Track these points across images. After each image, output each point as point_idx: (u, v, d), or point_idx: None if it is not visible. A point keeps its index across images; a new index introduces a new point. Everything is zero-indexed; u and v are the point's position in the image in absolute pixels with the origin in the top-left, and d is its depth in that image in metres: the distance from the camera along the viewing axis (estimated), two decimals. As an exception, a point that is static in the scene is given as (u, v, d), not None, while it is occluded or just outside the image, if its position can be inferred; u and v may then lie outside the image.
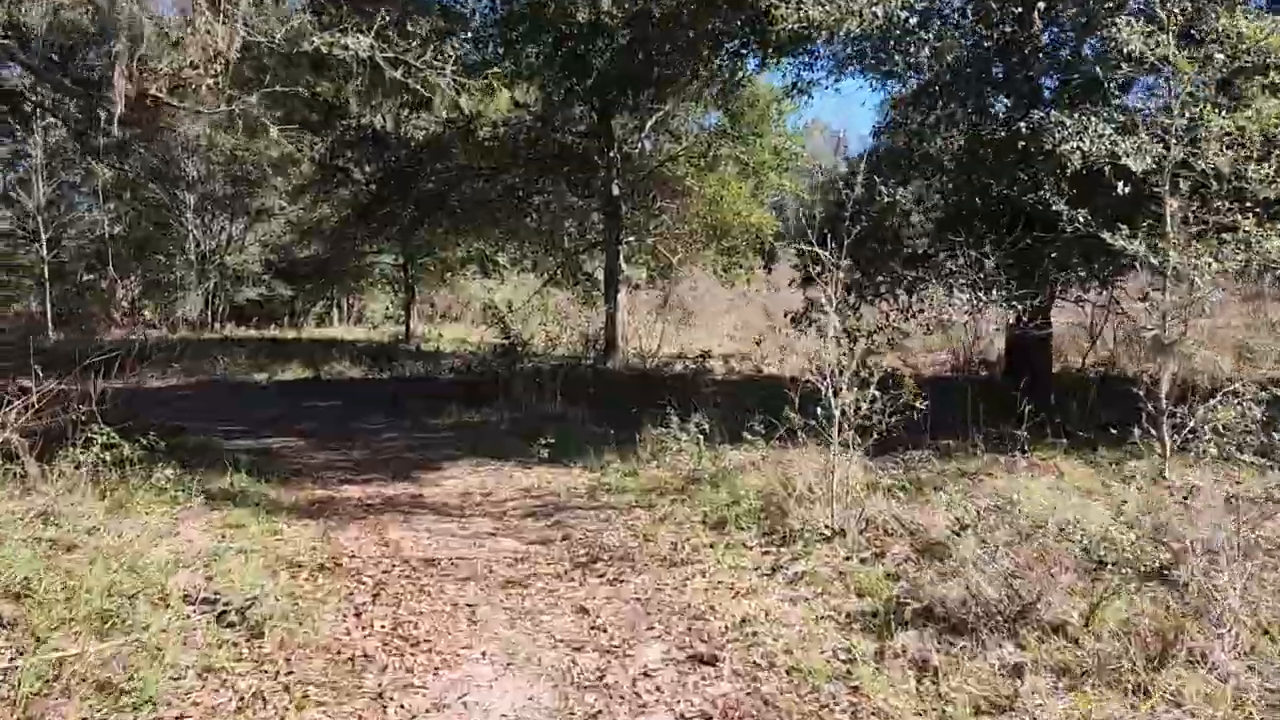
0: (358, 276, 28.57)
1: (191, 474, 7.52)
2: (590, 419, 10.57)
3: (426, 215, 19.58)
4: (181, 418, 11.84)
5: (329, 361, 17.21)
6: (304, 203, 25.83)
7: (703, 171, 19.14)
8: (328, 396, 13.73)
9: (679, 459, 8.00)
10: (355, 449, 9.71)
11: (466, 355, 17.57)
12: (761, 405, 9.56)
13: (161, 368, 17.29)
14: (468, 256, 23.38)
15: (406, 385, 14.04)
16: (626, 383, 13.56)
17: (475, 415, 11.46)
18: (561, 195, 20.60)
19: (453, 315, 33.31)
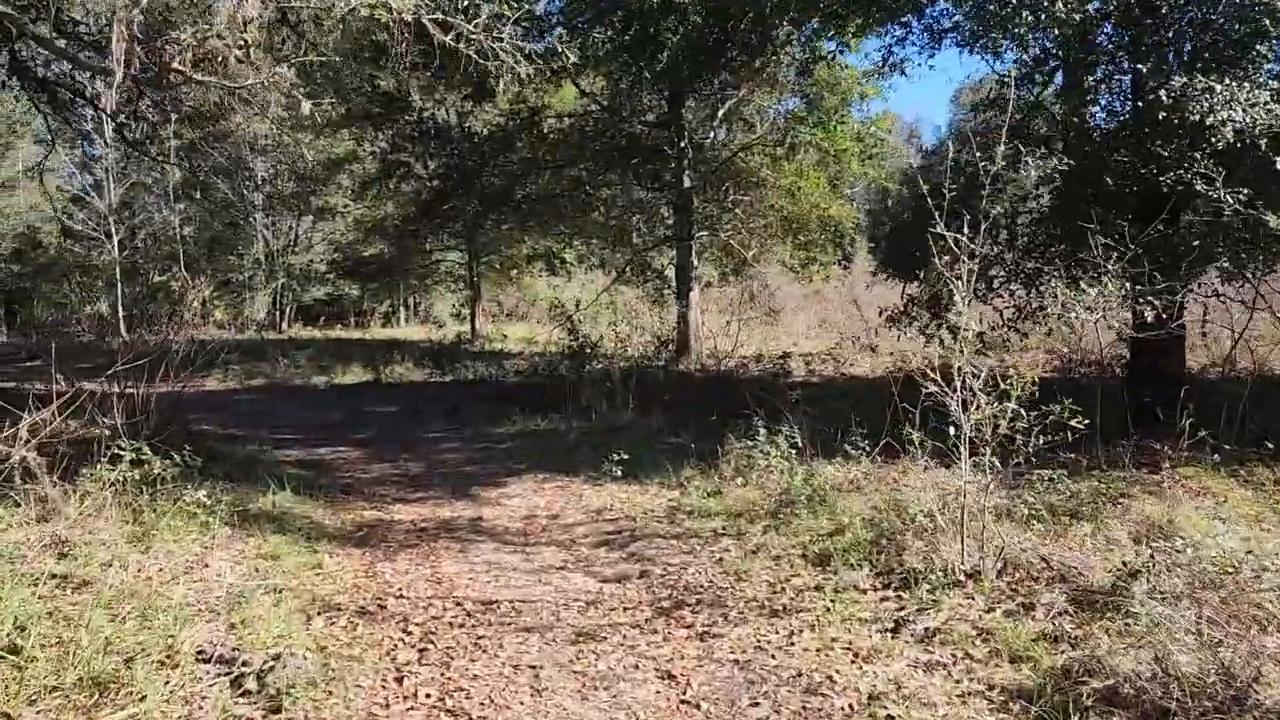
0: (423, 275, 28.17)
1: (233, 490, 6.91)
2: (666, 428, 9.74)
3: (491, 211, 18.97)
4: (236, 424, 11.35)
5: (391, 363, 16.64)
6: (368, 200, 25.47)
7: (779, 161, 18.17)
8: (387, 401, 13.12)
9: (768, 476, 7.12)
10: (412, 460, 9.02)
11: (532, 357, 16.89)
12: (853, 412, 8.67)
13: (223, 370, 16.93)
14: (534, 254, 22.77)
15: (469, 389, 13.38)
16: (702, 387, 12.70)
17: (541, 423, 10.71)
18: (629, 189, 19.84)
19: (519, 314, 32.79)
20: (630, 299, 21.74)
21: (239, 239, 34.50)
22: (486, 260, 26.22)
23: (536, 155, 18.41)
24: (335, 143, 25.71)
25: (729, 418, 10.07)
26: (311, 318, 36.53)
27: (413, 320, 38.88)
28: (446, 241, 25.88)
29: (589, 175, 19.05)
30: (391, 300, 37.08)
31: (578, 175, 19.25)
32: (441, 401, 12.79)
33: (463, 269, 27.10)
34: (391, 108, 17.19)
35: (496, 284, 29.06)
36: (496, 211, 19.08)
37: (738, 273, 21.41)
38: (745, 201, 18.86)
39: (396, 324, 37.20)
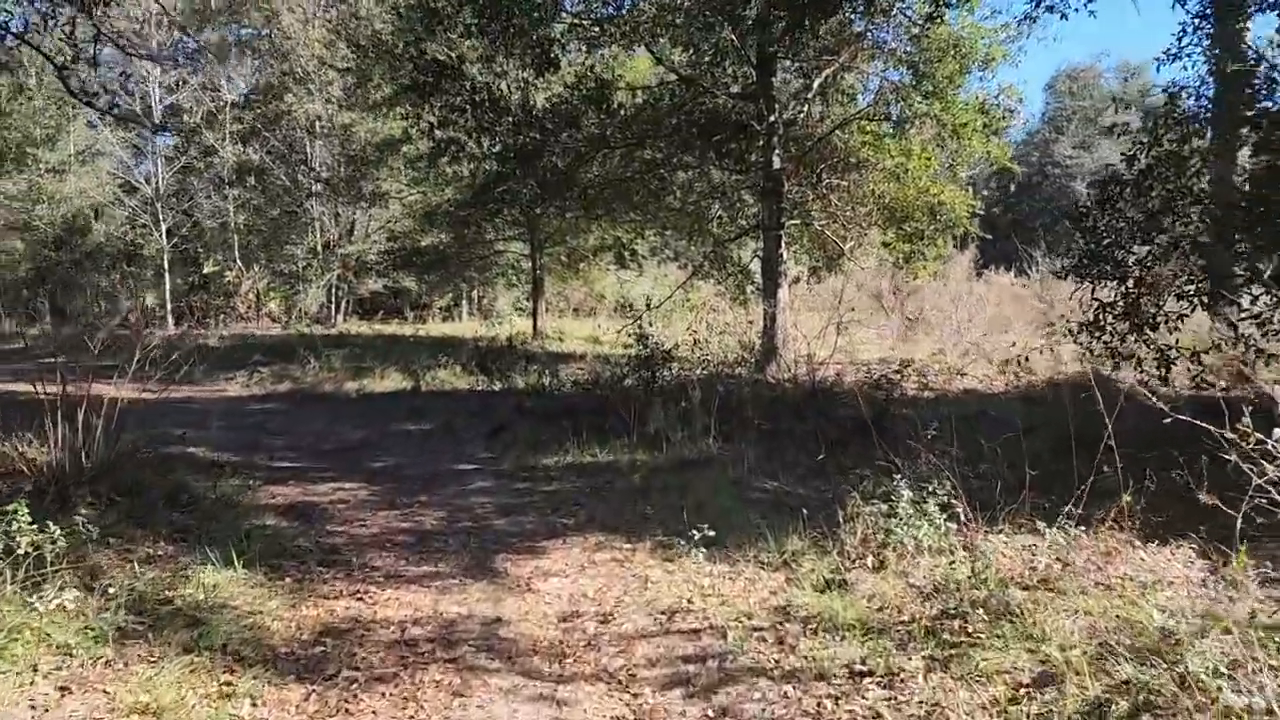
0: (483, 268, 26.42)
1: (165, 563, 5.09)
2: (758, 467, 7.69)
3: (553, 195, 17.04)
4: (234, 444, 9.60)
5: (435, 367, 14.83)
6: (421, 185, 23.81)
7: (882, 139, 15.91)
8: (421, 416, 11.27)
9: (914, 560, 5.06)
10: (430, 507, 7.09)
11: (595, 362, 14.94)
12: (1002, 448, 6.53)
13: (249, 373, 15.34)
14: (601, 245, 20.79)
15: (518, 403, 11.45)
16: (797, 405, 10.57)
17: (599, 452, 8.73)
18: (708, 171, 17.79)
19: (586, 309, 30.92)
20: (708, 296, 19.76)
21: (294, 228, 33.30)
22: (550, 252, 24.36)
23: (605, 133, 16.41)
24: (388, 122, 24.14)
25: (836, 448, 8.01)
26: (368, 311, 35.22)
27: (474, 314, 37.34)
28: (507, 231, 24.11)
29: (664, 156, 17.02)
30: (454, 293, 35.55)
31: (651, 156, 17.23)
32: (483, 419, 10.88)
33: (525, 261, 25.32)
34: (442, 77, 15.33)
35: (561, 278, 27.20)
36: (559, 196, 17.14)
37: (829, 267, 19.17)
38: (842, 186, 16.64)
39: (458, 318, 35.66)
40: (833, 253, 18.07)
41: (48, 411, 7.15)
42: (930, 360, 16.59)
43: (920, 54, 14.91)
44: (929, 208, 16.29)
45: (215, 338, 23.17)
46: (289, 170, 31.08)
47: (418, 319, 32.72)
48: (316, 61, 27.21)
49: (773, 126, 14.94)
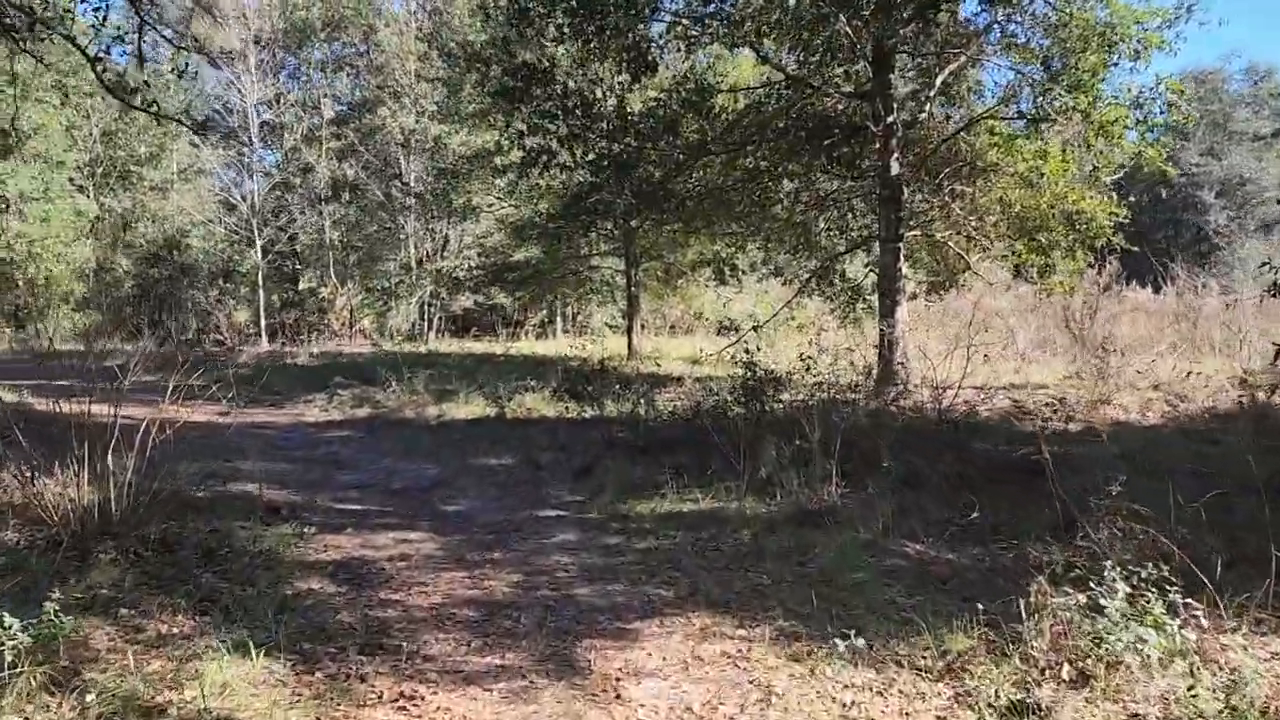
0: (577, 284, 25.56)
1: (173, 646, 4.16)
2: (895, 523, 6.42)
3: (649, 207, 16.01)
4: (296, 480, 8.78)
5: (522, 392, 13.91)
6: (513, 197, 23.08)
7: (1014, 140, 14.44)
8: (503, 448, 10.28)
9: (1131, 675, 3.80)
10: (503, 567, 6.04)
11: (695, 386, 13.83)
12: (1198, 503, 5.20)
13: (328, 395, 14.66)
14: (700, 260, 19.64)
15: (610, 435, 10.36)
16: (929, 440, 9.24)
17: (701, 498, 7.59)
18: (815, 180, 16.54)
19: (683, 327, 29.82)
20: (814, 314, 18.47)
21: (388, 244, 33.13)
22: (647, 267, 23.36)
23: (705, 140, 15.33)
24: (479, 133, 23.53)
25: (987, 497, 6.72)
26: (460, 329, 34.82)
27: (569, 331, 36.62)
28: (601, 246, 23.21)
29: (769, 163, 15.83)
30: (549, 309, 34.88)
31: (754, 164, 16.07)
32: (572, 453, 9.84)
33: (620, 277, 24.38)
34: (532, 81, 14.47)
35: (657, 294, 26.16)
36: (656, 208, 16.10)
37: (949, 283, 17.66)
38: (967, 193, 15.18)
39: (551, 335, 34.98)
40: (955, 267, 16.59)
41: (79, 441, 6.38)
42: (1065, 385, 15.05)
43: (1057, 45, 13.42)
44: (1066, 216, 14.72)
45: (305, 355, 22.80)
46: (383, 185, 30.88)
47: (511, 336, 32.13)
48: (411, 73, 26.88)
49: (890, 128, 13.64)
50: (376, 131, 30.77)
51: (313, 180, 33.16)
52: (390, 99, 29.29)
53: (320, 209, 33.04)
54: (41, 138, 30.06)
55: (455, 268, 29.00)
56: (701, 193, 16.68)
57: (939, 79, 14.50)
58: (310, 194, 33.37)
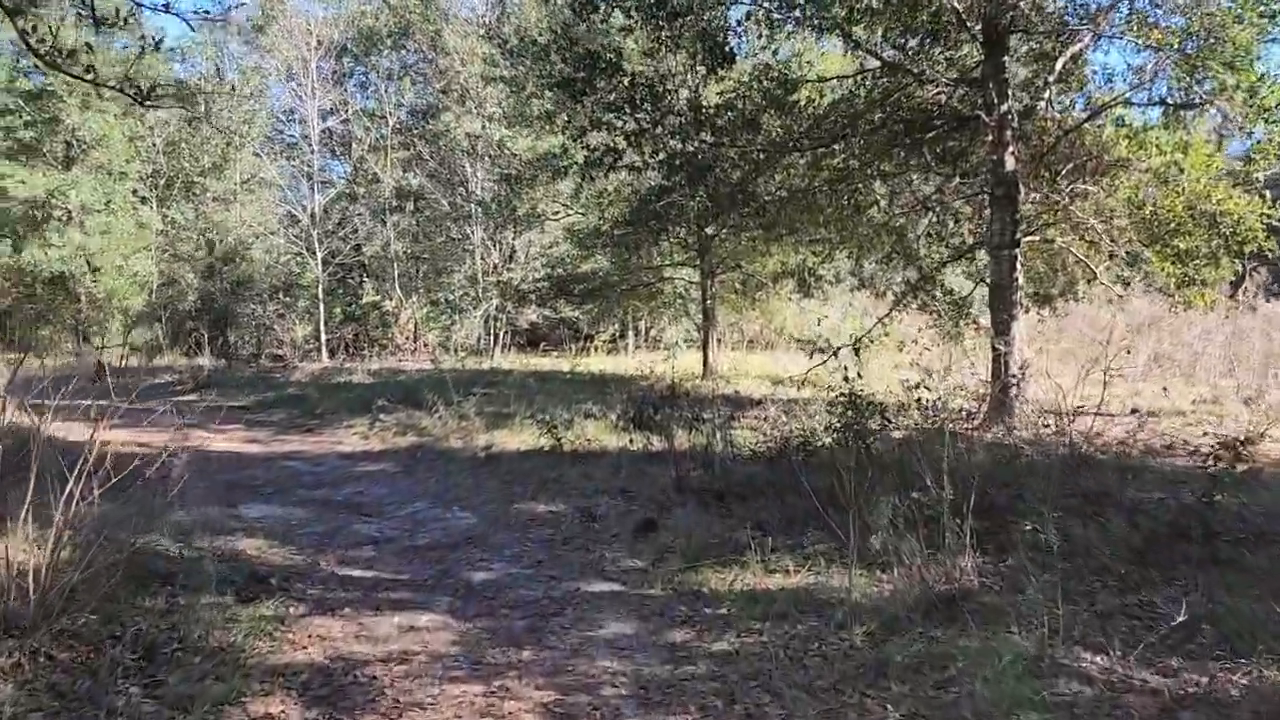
0: (649, 297, 24.06)
1: None
2: (1066, 625, 4.77)
3: (726, 211, 14.49)
4: (306, 531, 7.48)
5: (583, 417, 12.51)
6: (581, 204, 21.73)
7: (1146, 131, 12.60)
8: (556, 492, 8.82)
9: None
10: (531, 676, 4.60)
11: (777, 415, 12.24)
12: None
13: (369, 421, 13.45)
14: (782, 270, 18.01)
15: (681, 474, 8.81)
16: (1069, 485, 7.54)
17: (793, 568, 6.06)
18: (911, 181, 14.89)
19: (762, 341, 28.13)
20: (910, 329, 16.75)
21: (453, 255, 32.16)
22: (723, 279, 21.79)
23: (789, 136, 13.77)
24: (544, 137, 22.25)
25: (1188, 578, 5.09)
26: (529, 343, 33.65)
27: (641, 346, 35.21)
28: (675, 256, 21.71)
29: (859, 162, 14.20)
30: (621, 323, 33.49)
31: (844, 163, 14.44)
32: (634, 499, 8.37)
33: (695, 289, 22.87)
34: (596, 72, 13.09)
35: (735, 307, 24.54)
36: (733, 212, 14.57)
37: (1064, 294, 15.77)
38: (1091, 192, 13.35)
39: (623, 350, 33.60)
40: (1076, 276, 14.74)
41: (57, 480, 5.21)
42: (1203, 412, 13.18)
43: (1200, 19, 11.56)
44: (1208, 218, 12.79)
45: (361, 373, 21.76)
46: (449, 194, 29.92)
47: (581, 351, 30.86)
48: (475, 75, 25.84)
49: (1005, 118, 11.95)
50: (441, 137, 29.80)
51: (377, 191, 32.36)
52: (455, 104, 28.29)
53: (385, 219, 32.20)
54: (103, 149, 29.77)
55: (521, 280, 27.78)
56: (784, 196, 15.12)
57: (1059, 62, 12.74)
58: (374, 204, 32.57)
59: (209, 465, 10.71)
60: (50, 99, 28.76)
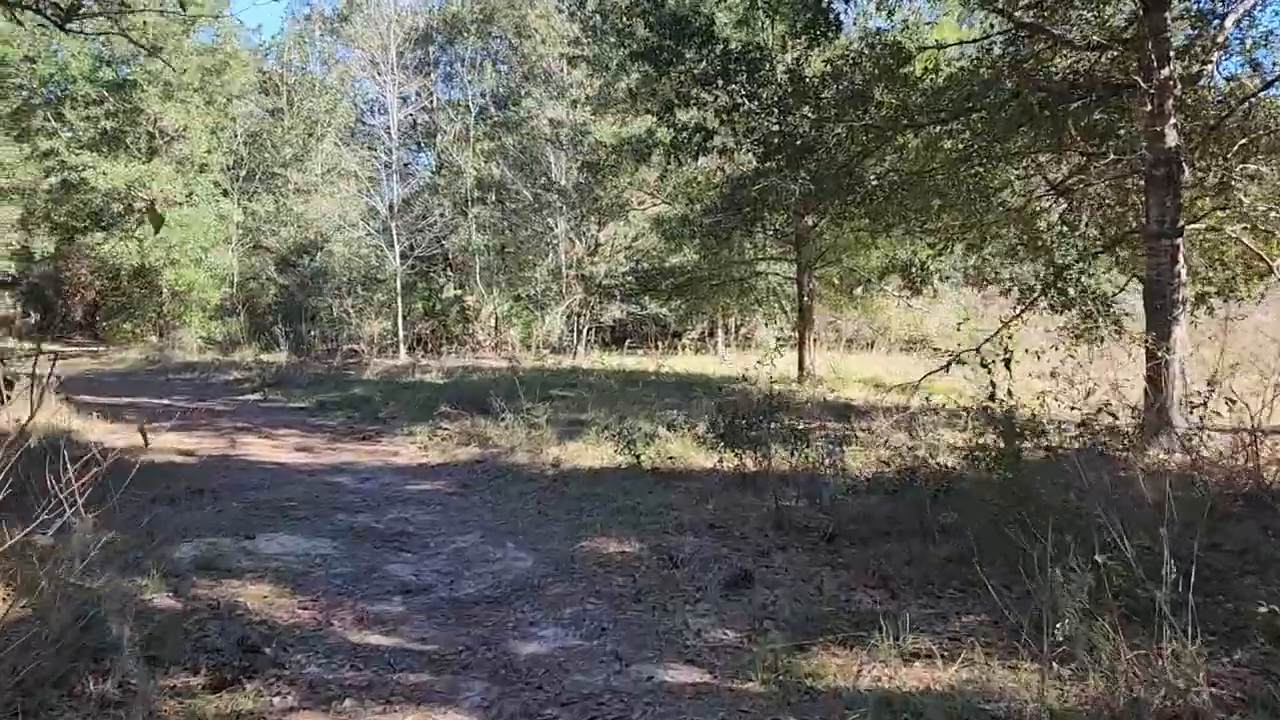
0: (740, 293, 22.51)
1: None
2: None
3: (830, 197, 12.92)
4: (329, 574, 6.21)
5: (668, 427, 11.15)
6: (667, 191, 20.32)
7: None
8: (631, 525, 7.40)
9: None
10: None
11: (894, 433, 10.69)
12: None
13: (431, 428, 12.27)
14: (890, 264, 16.30)
15: (780, 509, 7.33)
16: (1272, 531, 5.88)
17: (938, 657, 4.56)
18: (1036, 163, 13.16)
19: (862, 341, 26.36)
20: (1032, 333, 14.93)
21: (535, 248, 31.08)
22: (821, 274, 20.16)
23: (903, 112, 12.15)
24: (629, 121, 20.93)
25: None
26: (613, 341, 32.44)
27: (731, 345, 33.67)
28: (769, 248, 20.17)
29: (983, 140, 12.50)
30: (710, 320, 32.01)
31: (965, 145, 12.76)
32: (724, 539, 6.93)
33: (789, 285, 21.27)
34: (684, 39, 11.68)
35: (834, 305, 22.85)
36: (838, 198, 12.98)
37: (1222, 294, 13.75)
38: (1265, 174, 11.43)
39: (712, 349, 32.11)
40: (1235, 272, 12.79)
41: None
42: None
43: None
44: None
45: (436, 371, 20.72)
46: (531, 184, 28.83)
47: (667, 349, 29.51)
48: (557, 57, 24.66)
49: (1166, 86, 10.15)
50: (523, 124, 28.77)
51: (458, 183, 31.49)
52: (537, 89, 27.22)
53: (466, 211, 31.30)
54: (185, 140, 29.46)
55: (605, 274, 26.50)
56: (894, 181, 13.47)
57: (1228, 20, 10.88)
58: (456, 196, 31.70)
59: (247, 478, 9.63)
60: (131, 89, 28.54)
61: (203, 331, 29.69)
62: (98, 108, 29.10)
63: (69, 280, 33.99)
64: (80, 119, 28.90)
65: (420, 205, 32.13)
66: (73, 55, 28.27)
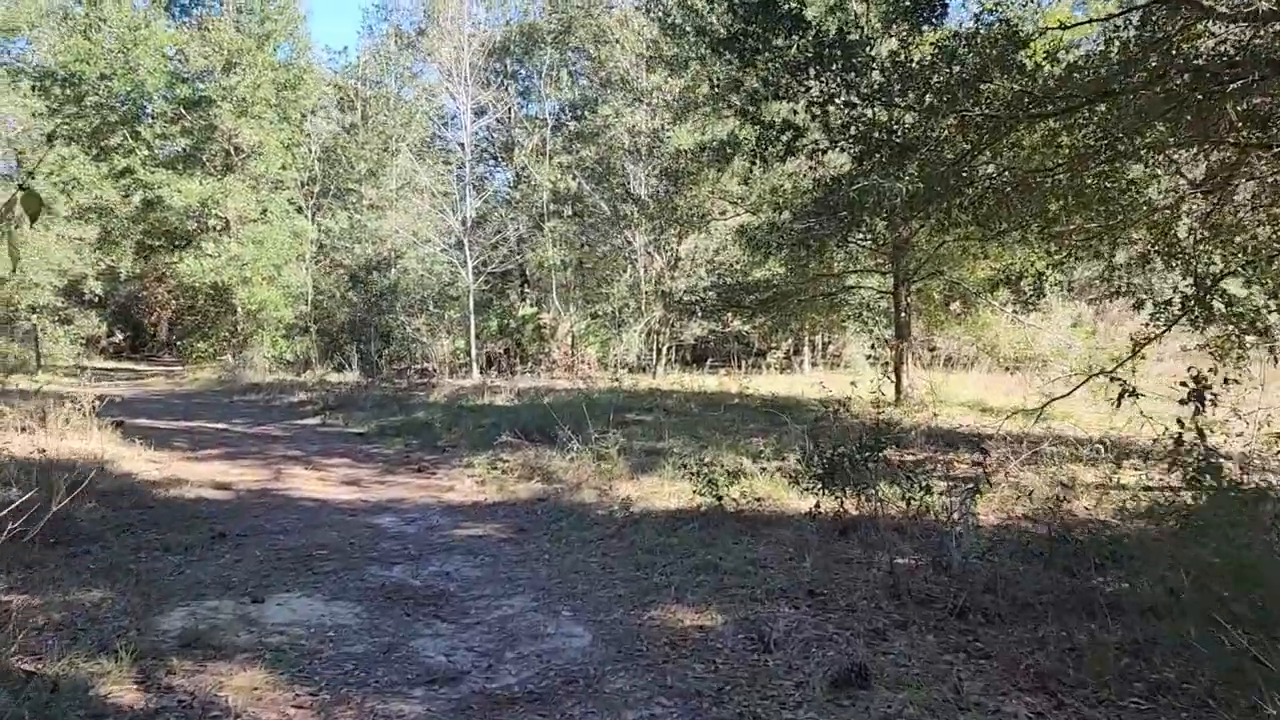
0: (830, 309, 21.02)
1: None
2: None
3: (937, 199, 11.48)
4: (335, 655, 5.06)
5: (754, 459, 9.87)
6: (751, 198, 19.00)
7: None
8: (714, 590, 6.10)
9: None
10: None
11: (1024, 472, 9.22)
12: None
13: (490, 458, 11.18)
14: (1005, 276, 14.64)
15: (895, 572, 5.97)
16: None
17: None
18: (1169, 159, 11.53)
19: (961, 360, 24.60)
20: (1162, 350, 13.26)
21: (613, 263, 30.04)
22: (919, 288, 18.63)
23: (1024, 99, 10.66)
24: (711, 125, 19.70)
25: None
26: (694, 359, 31.19)
27: (818, 364, 32.12)
28: (862, 260, 18.70)
29: (1116, 131, 10.92)
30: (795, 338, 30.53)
31: (1091, 137, 11.20)
32: (827, 611, 5.60)
33: (883, 299, 19.75)
34: (771, 24, 10.42)
35: (934, 321, 21.21)
36: (947, 200, 11.52)
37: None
38: None
39: (798, 368, 30.63)
40: None
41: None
42: None
43: None
44: None
45: (507, 392, 19.70)
46: (608, 196, 27.81)
47: (750, 369, 28.14)
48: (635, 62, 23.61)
49: (1349, 59, 8.54)
50: (600, 134, 27.78)
51: (534, 196, 30.66)
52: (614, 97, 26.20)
53: (542, 225, 30.42)
54: (259, 156, 29.19)
55: (685, 290, 25.26)
56: (1009, 180, 11.95)
57: None
58: (532, 210, 30.87)
59: (280, 518, 8.62)
60: (207, 106, 28.38)
61: (274, 351, 29.30)
62: (173, 125, 29.01)
63: (146, 299, 34.06)
64: (156, 136, 28.82)
65: (496, 220, 31.37)
66: (149, 72, 28.22)
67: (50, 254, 28.16)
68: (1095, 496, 8.51)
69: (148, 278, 33.04)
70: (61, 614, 5.51)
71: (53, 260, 28.30)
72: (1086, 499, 8.43)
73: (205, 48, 27.80)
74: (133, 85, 28.60)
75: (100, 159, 28.89)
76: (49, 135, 27.67)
